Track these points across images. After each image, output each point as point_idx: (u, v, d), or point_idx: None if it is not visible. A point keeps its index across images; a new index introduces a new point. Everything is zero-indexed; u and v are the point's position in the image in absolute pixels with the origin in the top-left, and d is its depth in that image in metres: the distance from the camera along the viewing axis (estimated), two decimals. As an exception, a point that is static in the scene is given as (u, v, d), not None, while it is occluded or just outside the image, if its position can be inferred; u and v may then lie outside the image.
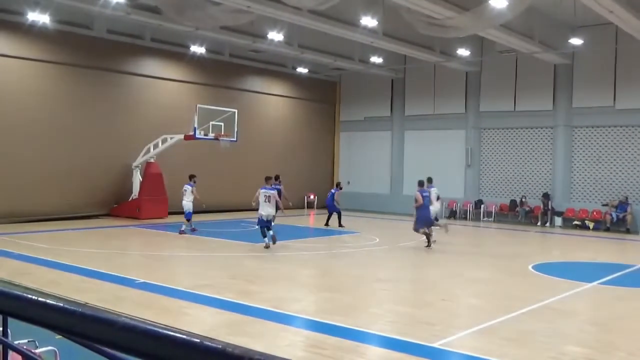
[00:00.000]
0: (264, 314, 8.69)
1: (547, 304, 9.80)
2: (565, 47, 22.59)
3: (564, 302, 10.12)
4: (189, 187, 18.32)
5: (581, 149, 24.79)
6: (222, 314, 8.77)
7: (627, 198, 23.04)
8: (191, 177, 18.63)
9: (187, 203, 18.21)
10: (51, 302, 1.92)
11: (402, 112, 29.89)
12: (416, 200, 16.08)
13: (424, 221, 15.92)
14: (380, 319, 8.70)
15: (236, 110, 22.85)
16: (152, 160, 22.84)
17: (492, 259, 15.02)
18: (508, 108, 26.41)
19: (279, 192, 17.84)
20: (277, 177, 19.86)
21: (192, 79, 25.52)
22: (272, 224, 15.70)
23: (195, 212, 18.67)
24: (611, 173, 24.02)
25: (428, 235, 15.85)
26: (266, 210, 15.32)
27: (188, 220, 18.23)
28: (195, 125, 21.30)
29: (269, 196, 15.42)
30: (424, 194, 16.07)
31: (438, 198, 17.64)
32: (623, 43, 22.33)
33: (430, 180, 17.01)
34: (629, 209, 22.85)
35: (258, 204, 15.50)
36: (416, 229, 16.01)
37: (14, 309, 2.05)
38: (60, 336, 2.03)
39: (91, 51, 21.81)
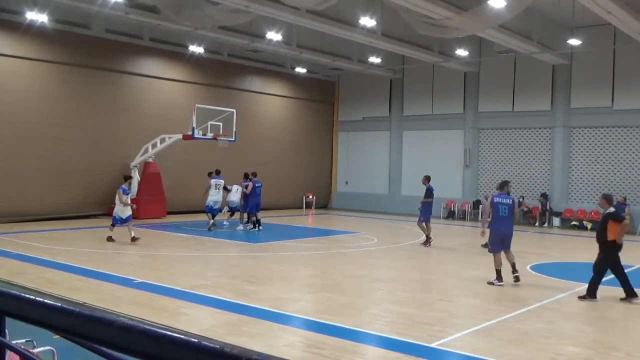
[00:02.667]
0: (262, 314, 8.69)
1: (545, 305, 9.81)
2: (564, 47, 22.63)
3: (562, 302, 10.13)
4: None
5: (579, 149, 24.82)
6: (221, 314, 8.77)
7: (625, 199, 23.06)
8: (126, 178, 17.05)
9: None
10: (49, 301, 1.91)
11: (401, 112, 29.91)
12: (247, 188, 19.71)
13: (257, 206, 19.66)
14: (379, 319, 8.70)
15: (235, 110, 22.84)
16: (150, 160, 22.82)
17: (490, 259, 15.00)
18: (506, 108, 26.44)
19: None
20: (246, 175, 20.32)
21: (190, 78, 25.51)
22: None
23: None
24: (609, 173, 24.05)
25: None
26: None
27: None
28: (194, 125, 21.28)
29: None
30: (257, 184, 19.74)
31: None
32: (621, 44, 22.37)
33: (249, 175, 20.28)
34: (627, 210, 22.86)
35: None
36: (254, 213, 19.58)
37: (11, 308, 2.05)
38: (58, 336, 2.02)
39: (89, 51, 21.79)
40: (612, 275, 12.93)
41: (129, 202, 16.19)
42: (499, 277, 11.28)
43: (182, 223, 21.11)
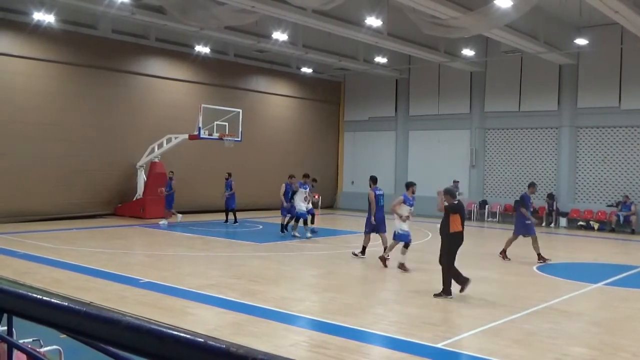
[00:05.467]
0: (268, 313, 8.70)
1: (552, 305, 9.77)
2: (571, 47, 22.55)
3: (568, 303, 10.09)
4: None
5: (586, 149, 24.72)
6: (226, 314, 8.78)
7: (627, 197, 22.96)
8: (408, 185, 14.46)
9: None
10: (56, 301, 1.92)
11: (407, 112, 29.87)
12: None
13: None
14: (384, 319, 8.70)
15: (240, 110, 22.89)
16: (156, 160, 22.89)
17: (497, 260, 14.99)
18: (513, 108, 26.36)
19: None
20: (307, 177, 18.58)
21: (196, 78, 25.57)
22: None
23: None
24: (616, 174, 23.95)
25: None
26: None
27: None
28: (200, 125, 21.33)
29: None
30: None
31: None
32: (628, 43, 22.27)
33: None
34: (633, 208, 22.79)
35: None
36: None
37: (18, 308, 2.06)
38: (64, 335, 2.03)
39: (96, 51, 21.87)
40: (619, 276, 12.89)
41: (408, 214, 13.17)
42: (363, 251, 14.19)
43: (188, 223, 21.14)
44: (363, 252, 14.17)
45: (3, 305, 2.09)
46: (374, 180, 14.70)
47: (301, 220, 17.83)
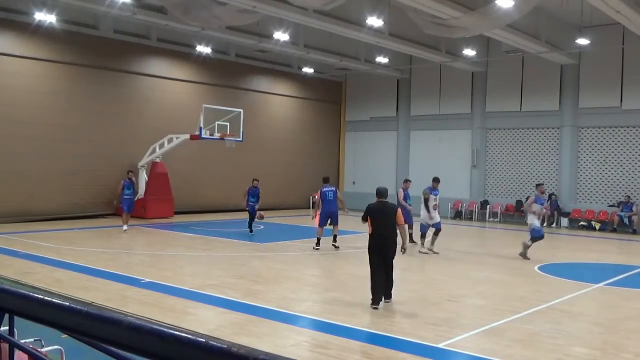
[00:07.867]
0: (269, 313, 8.70)
1: (553, 305, 9.76)
2: (572, 47, 22.54)
3: (570, 303, 10.08)
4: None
5: (587, 149, 24.70)
6: (228, 314, 8.78)
7: (629, 198, 22.95)
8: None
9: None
10: (57, 301, 1.92)
11: (408, 112, 29.87)
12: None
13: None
14: (385, 319, 8.69)
15: (242, 110, 22.90)
16: (157, 160, 22.89)
17: (498, 260, 14.99)
18: (514, 108, 26.35)
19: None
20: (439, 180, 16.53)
21: (198, 78, 25.58)
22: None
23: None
24: (618, 174, 23.93)
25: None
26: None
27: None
28: (201, 125, 21.34)
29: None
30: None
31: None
32: (630, 43, 22.25)
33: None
34: (634, 209, 22.77)
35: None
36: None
37: (20, 307, 2.06)
38: (66, 335, 2.03)
39: (97, 51, 21.89)
40: (620, 277, 12.87)
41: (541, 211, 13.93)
42: (318, 243, 15.37)
43: (189, 223, 21.15)
44: (318, 243, 15.42)
45: (4, 305, 2.09)
46: (324, 180, 16.29)
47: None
